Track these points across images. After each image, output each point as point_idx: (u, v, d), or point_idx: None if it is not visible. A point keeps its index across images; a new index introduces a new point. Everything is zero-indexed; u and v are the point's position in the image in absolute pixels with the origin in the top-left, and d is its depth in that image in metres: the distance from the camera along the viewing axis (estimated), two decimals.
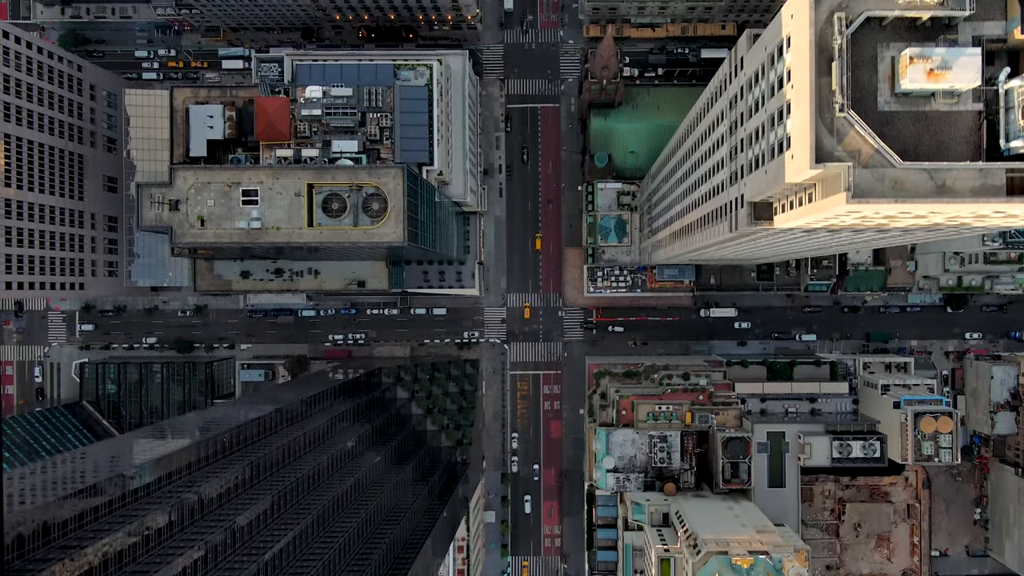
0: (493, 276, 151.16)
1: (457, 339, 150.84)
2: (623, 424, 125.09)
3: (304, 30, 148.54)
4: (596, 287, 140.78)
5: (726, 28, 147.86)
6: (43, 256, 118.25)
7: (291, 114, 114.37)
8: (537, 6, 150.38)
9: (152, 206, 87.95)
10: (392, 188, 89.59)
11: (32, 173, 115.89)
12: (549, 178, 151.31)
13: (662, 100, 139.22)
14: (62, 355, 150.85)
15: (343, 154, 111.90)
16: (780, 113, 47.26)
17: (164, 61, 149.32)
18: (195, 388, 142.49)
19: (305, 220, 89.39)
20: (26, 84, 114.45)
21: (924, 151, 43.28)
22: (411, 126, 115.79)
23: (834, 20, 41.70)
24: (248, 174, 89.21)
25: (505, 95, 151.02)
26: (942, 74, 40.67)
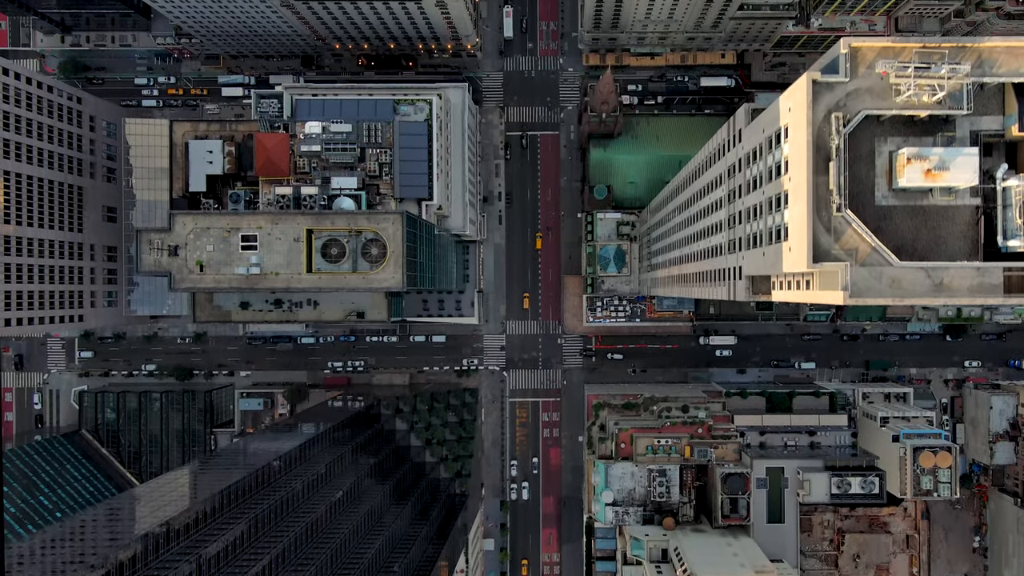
0: (492, 303, 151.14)
1: (456, 366, 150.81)
2: (622, 457, 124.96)
3: (304, 57, 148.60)
4: (595, 317, 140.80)
5: (726, 57, 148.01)
6: (42, 291, 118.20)
7: (290, 149, 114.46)
8: (537, 34, 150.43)
9: (151, 252, 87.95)
10: (391, 233, 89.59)
11: (32, 208, 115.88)
12: (548, 206, 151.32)
13: (661, 130, 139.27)
14: (61, 382, 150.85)
15: (342, 191, 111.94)
16: (778, 200, 47.33)
17: (164, 88, 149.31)
18: (194, 416, 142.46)
19: (304, 265, 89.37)
20: (25, 119, 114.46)
21: (922, 246, 43.34)
22: (410, 161, 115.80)
23: (832, 119, 41.81)
24: (247, 219, 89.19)
25: (505, 122, 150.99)
26: (940, 174, 40.70)
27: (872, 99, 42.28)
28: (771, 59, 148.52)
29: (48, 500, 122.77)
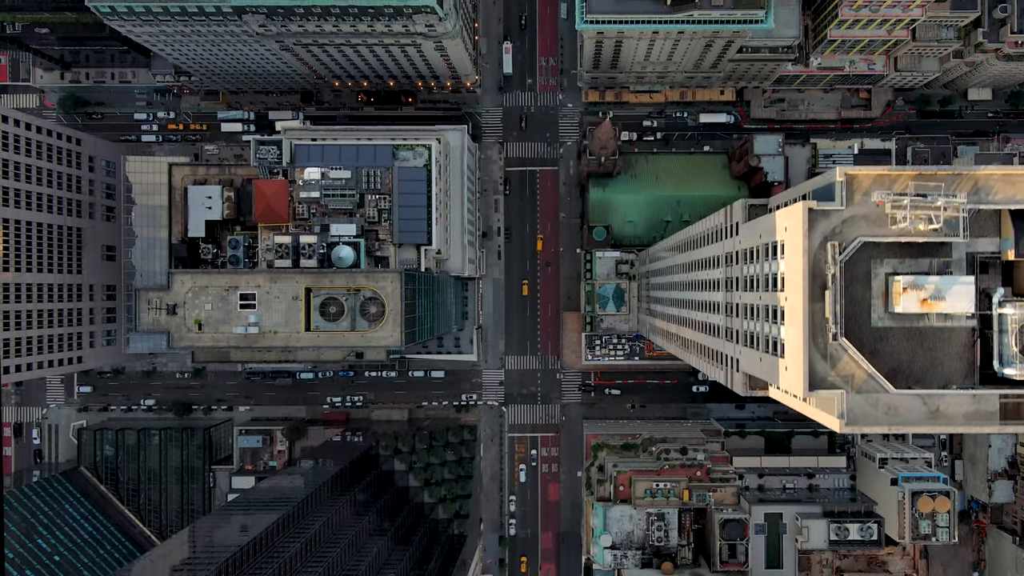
0: (491, 338, 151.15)
1: (455, 401, 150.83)
2: (621, 500, 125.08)
3: (303, 93, 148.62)
4: (594, 355, 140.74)
5: (725, 93, 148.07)
6: (41, 335, 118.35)
7: (290, 196, 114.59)
8: (536, 70, 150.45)
9: (150, 311, 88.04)
10: (390, 292, 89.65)
11: (31, 254, 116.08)
12: (548, 241, 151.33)
13: (660, 169, 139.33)
14: (60, 416, 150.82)
15: (341, 239, 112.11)
16: (774, 312, 47.39)
17: (163, 123, 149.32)
18: (193, 453, 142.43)
19: (303, 324, 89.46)
20: (24, 165, 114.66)
21: (918, 367, 43.40)
22: (409, 207, 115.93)
23: (828, 247, 41.84)
24: (246, 278, 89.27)
25: (504, 158, 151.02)
26: (936, 304, 40.77)
27: (868, 226, 42.33)
28: (770, 95, 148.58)
29: (47, 543, 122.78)
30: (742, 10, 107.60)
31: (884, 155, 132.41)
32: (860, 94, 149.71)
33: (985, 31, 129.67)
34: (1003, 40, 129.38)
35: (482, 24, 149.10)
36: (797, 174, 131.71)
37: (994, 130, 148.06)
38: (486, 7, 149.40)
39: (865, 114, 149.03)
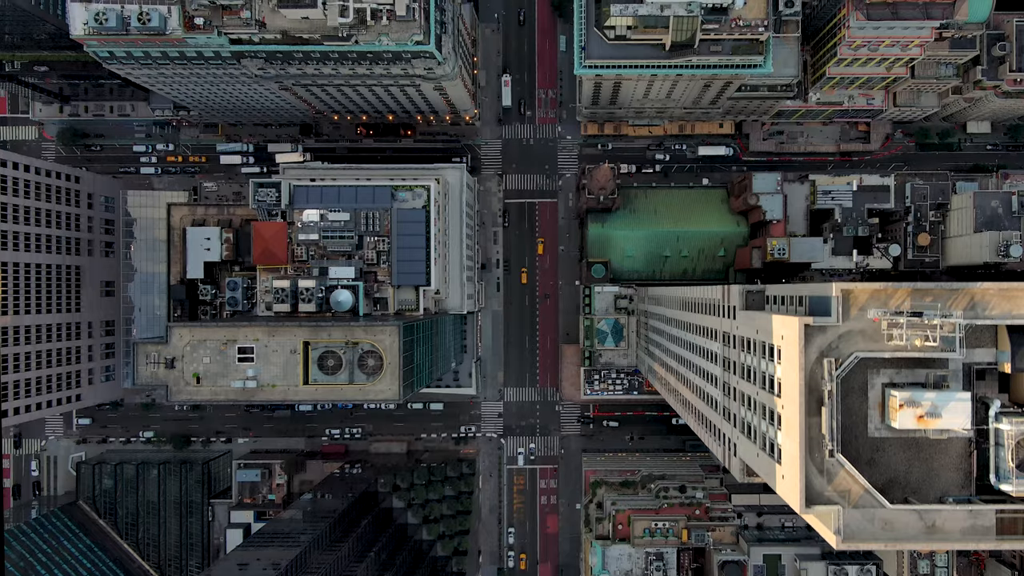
0: (490, 370, 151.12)
1: (454, 433, 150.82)
2: (619, 538, 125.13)
3: (302, 126, 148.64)
4: (593, 389, 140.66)
5: (724, 126, 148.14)
6: (40, 376, 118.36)
7: (288, 237, 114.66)
8: (535, 102, 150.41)
9: (148, 365, 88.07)
10: (388, 345, 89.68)
11: (29, 296, 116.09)
12: (547, 273, 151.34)
13: (659, 204, 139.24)
14: (59, 448, 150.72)
15: (340, 282, 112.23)
16: (771, 414, 47.40)
17: (162, 155, 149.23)
18: (191, 486, 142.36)
19: (301, 377, 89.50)
20: (23, 208, 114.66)
21: (915, 478, 43.42)
22: (408, 248, 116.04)
23: (824, 363, 41.87)
24: (244, 331, 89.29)
25: (503, 190, 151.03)
26: (932, 421, 40.79)
27: (865, 341, 42.35)
28: (769, 127, 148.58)
29: None
30: (741, 56, 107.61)
31: (883, 191, 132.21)
32: (859, 127, 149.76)
33: (984, 69, 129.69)
34: (1002, 78, 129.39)
35: (481, 57, 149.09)
36: (796, 212, 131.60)
37: (993, 165, 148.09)
38: (485, 40, 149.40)
39: (864, 147, 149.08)
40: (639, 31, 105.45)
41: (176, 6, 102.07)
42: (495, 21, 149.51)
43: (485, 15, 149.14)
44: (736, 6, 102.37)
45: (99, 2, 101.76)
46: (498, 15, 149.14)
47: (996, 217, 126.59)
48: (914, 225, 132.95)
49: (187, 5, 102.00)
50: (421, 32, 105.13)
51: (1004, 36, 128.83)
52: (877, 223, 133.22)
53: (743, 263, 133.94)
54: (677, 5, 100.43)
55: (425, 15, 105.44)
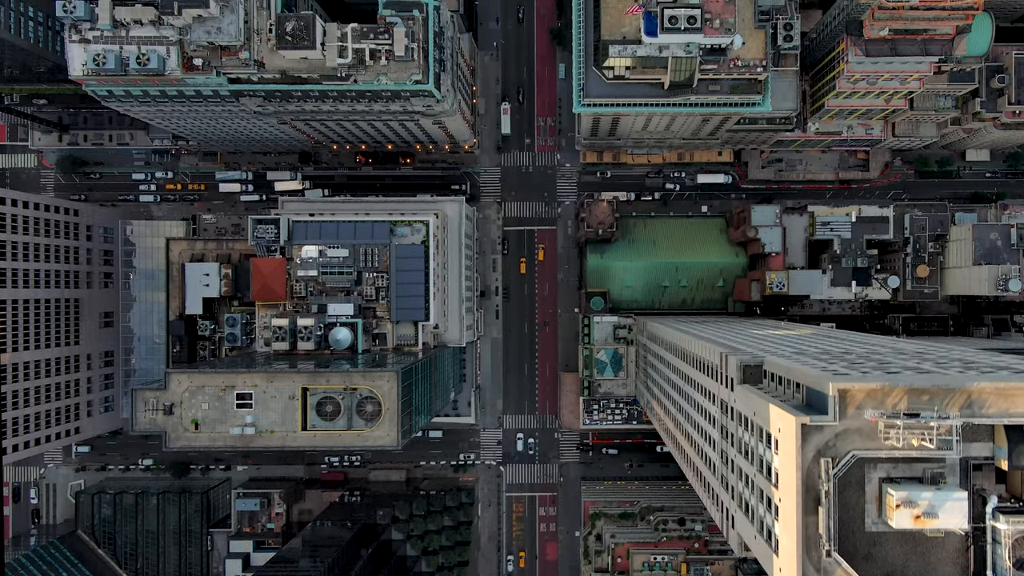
0: (489, 398, 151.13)
1: (453, 461, 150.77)
2: (618, 572, 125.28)
3: (301, 154, 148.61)
4: (592, 419, 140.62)
5: (723, 154, 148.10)
6: (39, 411, 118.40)
7: (287, 273, 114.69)
8: (535, 130, 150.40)
9: (146, 412, 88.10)
10: (386, 391, 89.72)
11: (27, 332, 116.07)
12: (546, 301, 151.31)
13: (658, 233, 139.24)
14: (58, 476, 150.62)
15: (338, 319, 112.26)
16: (768, 501, 47.40)
17: (161, 183, 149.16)
18: (191, 515, 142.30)
19: (299, 423, 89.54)
20: (22, 244, 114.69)
21: (912, 572, 43.41)
22: (407, 284, 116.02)
23: (821, 463, 41.90)
24: (243, 377, 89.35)
25: (502, 217, 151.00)
26: (929, 520, 40.82)
27: (862, 440, 42.36)
28: (768, 155, 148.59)
29: None
30: (739, 95, 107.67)
31: (882, 222, 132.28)
32: (858, 155, 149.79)
33: (983, 101, 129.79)
34: (1000, 110, 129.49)
35: (480, 85, 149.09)
36: (795, 243, 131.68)
37: (992, 192, 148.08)
38: (484, 68, 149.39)
39: (863, 175, 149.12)
40: (637, 71, 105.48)
41: (175, 47, 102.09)
42: (494, 49, 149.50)
43: (484, 43, 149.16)
44: (735, 46, 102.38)
45: (98, 42, 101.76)
46: (497, 43, 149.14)
47: (995, 249, 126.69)
48: (913, 256, 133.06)
49: (185, 46, 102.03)
50: (420, 71, 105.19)
51: (1003, 68, 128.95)
52: (876, 254, 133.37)
53: (742, 294, 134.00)
54: (675, 46, 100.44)
55: (424, 54, 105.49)
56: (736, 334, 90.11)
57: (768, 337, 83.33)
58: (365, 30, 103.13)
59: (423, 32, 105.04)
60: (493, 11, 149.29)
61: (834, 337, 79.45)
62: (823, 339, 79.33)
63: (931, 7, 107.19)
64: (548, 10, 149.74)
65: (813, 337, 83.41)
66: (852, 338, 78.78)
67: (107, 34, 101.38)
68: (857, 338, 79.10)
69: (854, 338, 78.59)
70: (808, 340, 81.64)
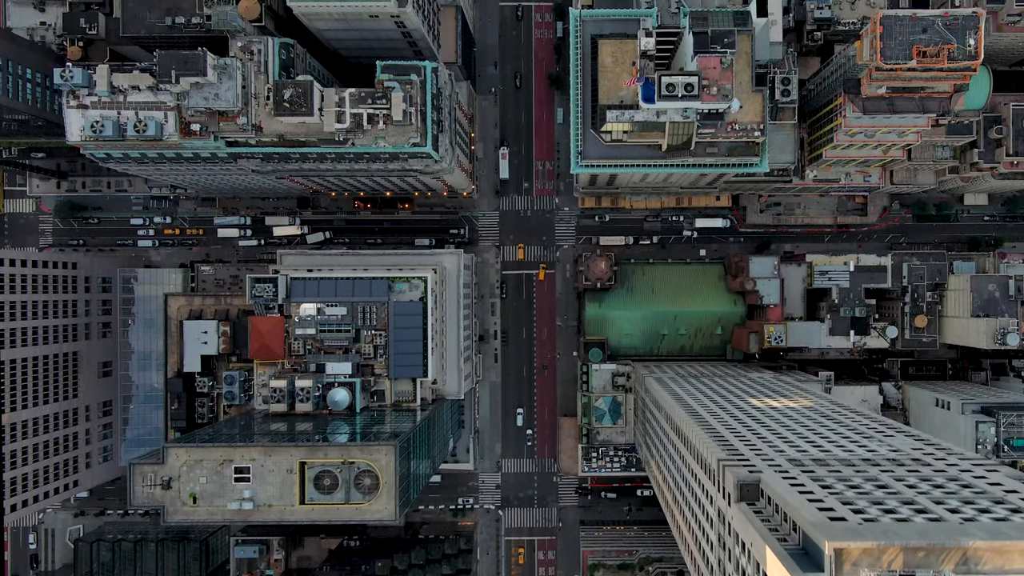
0: (488, 442, 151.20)
1: (452, 505, 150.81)
2: None
3: (300, 199, 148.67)
4: (591, 466, 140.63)
5: (721, 199, 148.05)
6: (37, 469, 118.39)
7: (285, 331, 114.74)
8: (533, 174, 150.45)
9: (144, 487, 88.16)
10: (384, 464, 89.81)
11: (26, 390, 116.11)
12: (544, 344, 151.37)
13: (656, 281, 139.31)
14: (56, 521, 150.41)
15: (337, 379, 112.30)
16: None
17: (160, 228, 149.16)
18: (188, 562, 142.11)
19: (297, 497, 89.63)
20: (19, 304, 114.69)
21: None
22: (405, 342, 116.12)
23: None
24: (240, 452, 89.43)
25: (500, 261, 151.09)
26: None
27: None
28: (766, 200, 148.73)
29: None
30: (737, 156, 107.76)
31: (880, 271, 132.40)
32: (856, 199, 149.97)
33: (981, 151, 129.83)
34: (998, 160, 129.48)
35: (478, 130, 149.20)
36: (793, 293, 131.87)
37: (990, 237, 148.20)
38: (482, 113, 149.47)
39: (861, 219, 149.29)
40: (635, 134, 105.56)
41: (172, 112, 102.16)
42: (492, 93, 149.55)
43: (482, 88, 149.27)
44: (732, 110, 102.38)
45: (95, 108, 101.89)
46: (495, 89, 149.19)
47: (993, 301, 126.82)
48: (911, 305, 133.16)
49: (183, 111, 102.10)
50: (418, 135, 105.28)
51: (1001, 119, 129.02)
52: (874, 304, 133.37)
53: (740, 343, 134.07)
54: (673, 112, 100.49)
55: (422, 117, 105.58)
56: (732, 405, 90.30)
57: (765, 415, 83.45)
58: (363, 95, 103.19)
59: (421, 95, 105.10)
60: (492, 56, 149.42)
61: (832, 420, 79.54)
62: (821, 421, 79.45)
63: (929, 68, 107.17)
64: (547, 55, 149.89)
65: (811, 415, 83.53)
66: (850, 423, 78.83)
67: (104, 99, 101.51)
68: (854, 422, 79.13)
69: (851, 423, 78.62)
70: (806, 418, 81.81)
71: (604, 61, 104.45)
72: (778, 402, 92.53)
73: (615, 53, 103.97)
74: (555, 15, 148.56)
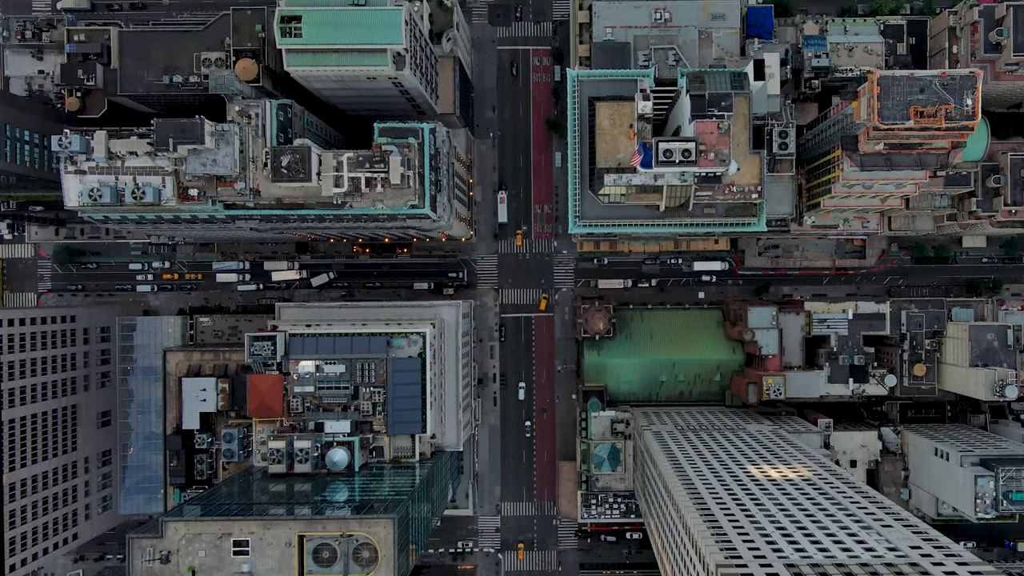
0: (487, 484, 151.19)
1: (451, 548, 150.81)
2: None
3: (298, 244, 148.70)
4: (591, 513, 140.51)
5: (719, 243, 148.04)
6: (36, 526, 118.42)
7: (284, 388, 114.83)
8: (531, 217, 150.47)
9: (143, 562, 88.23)
10: (382, 537, 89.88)
11: (25, 448, 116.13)
12: (544, 387, 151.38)
13: (655, 327, 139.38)
14: (56, 566, 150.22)
15: (335, 438, 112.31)
16: None
17: (158, 273, 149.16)
18: None
19: (296, 570, 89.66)
20: (19, 363, 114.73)
21: None
22: (403, 398, 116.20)
23: None
24: (239, 525, 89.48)
25: (499, 304, 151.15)
26: None
27: None
28: (765, 243, 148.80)
29: None
30: (735, 216, 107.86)
31: (879, 319, 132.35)
32: (855, 241, 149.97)
33: (979, 200, 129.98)
34: (996, 209, 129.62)
35: (477, 174, 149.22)
36: (791, 342, 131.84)
37: (988, 279, 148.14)
38: (481, 157, 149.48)
39: (860, 262, 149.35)
40: (633, 196, 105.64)
41: (170, 177, 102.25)
42: (490, 138, 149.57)
43: (481, 132, 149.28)
44: (730, 172, 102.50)
45: (93, 173, 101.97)
46: (493, 133, 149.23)
47: (992, 351, 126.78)
48: (910, 353, 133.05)
49: (181, 176, 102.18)
50: (416, 197, 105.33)
51: (999, 168, 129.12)
52: (873, 352, 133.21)
53: (739, 392, 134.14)
54: (670, 175, 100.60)
55: (420, 179, 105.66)
56: (730, 475, 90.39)
57: (764, 492, 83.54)
58: (361, 159, 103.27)
59: (419, 157, 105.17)
60: (490, 100, 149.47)
61: (829, 501, 79.62)
62: (819, 502, 79.52)
63: (926, 128, 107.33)
64: (544, 99, 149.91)
65: (809, 492, 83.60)
66: (847, 504, 78.88)
67: (102, 165, 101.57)
68: (851, 503, 79.17)
69: (848, 506, 78.67)
70: (805, 496, 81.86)
71: (601, 124, 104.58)
72: (777, 471, 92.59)
73: (612, 116, 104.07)
74: (553, 59, 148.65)
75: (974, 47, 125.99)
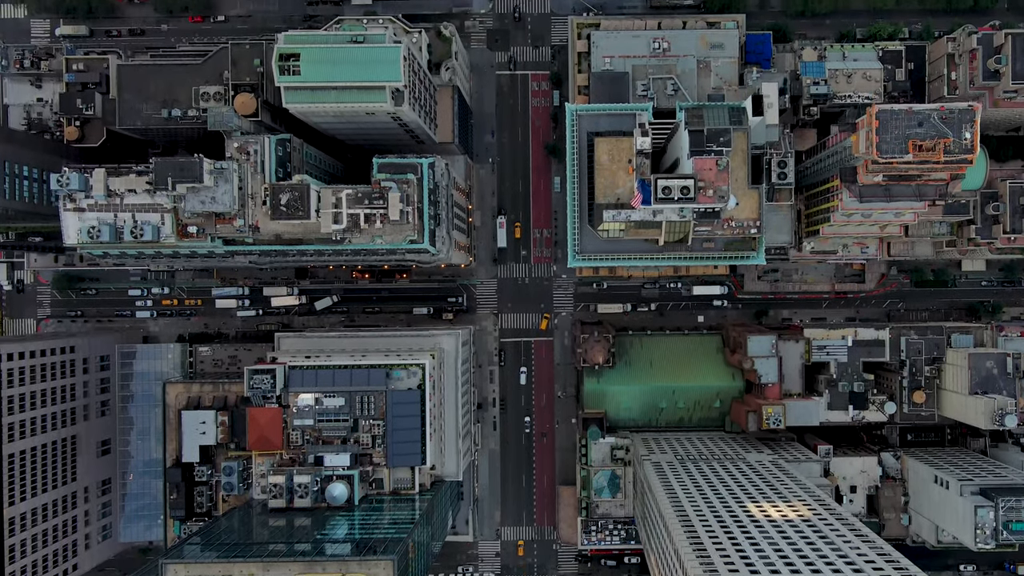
0: (487, 509, 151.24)
1: (451, 574, 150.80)
2: None
3: (298, 269, 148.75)
4: (591, 539, 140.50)
5: (718, 268, 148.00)
6: (36, 559, 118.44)
7: (283, 421, 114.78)
8: (531, 242, 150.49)
9: None
10: None
11: (25, 481, 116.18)
12: (543, 412, 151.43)
13: (655, 354, 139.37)
14: None
15: (335, 471, 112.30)
16: None
17: (158, 299, 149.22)
18: None
19: None
20: (18, 396, 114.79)
21: None
22: (403, 430, 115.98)
23: None
24: (239, 567, 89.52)
25: (499, 329, 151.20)
26: None
27: None
28: (764, 267, 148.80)
29: None
30: (734, 250, 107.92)
31: (878, 345, 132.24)
32: (854, 264, 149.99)
33: (978, 228, 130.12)
34: (995, 237, 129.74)
35: (476, 199, 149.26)
36: (791, 369, 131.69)
37: (988, 302, 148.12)
38: (480, 182, 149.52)
39: (859, 286, 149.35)
40: (632, 231, 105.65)
41: (169, 214, 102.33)
42: (490, 162, 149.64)
43: (480, 156, 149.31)
44: (728, 207, 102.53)
45: (92, 210, 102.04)
46: (492, 159, 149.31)
47: (991, 378, 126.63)
48: (909, 380, 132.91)
49: (180, 214, 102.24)
50: (415, 232, 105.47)
51: (998, 196, 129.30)
52: (872, 379, 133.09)
53: (739, 419, 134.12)
54: (669, 211, 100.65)
55: (419, 214, 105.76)
56: (730, 515, 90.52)
57: (763, 534, 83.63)
58: (360, 195, 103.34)
59: (417, 193, 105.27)
60: (489, 124, 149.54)
61: (825, 543, 79.67)
62: (817, 545, 79.58)
63: (925, 161, 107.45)
64: (543, 123, 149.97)
65: (807, 534, 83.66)
66: (843, 546, 78.93)
67: (101, 202, 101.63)
68: (846, 543, 79.20)
69: (844, 547, 78.72)
70: (802, 538, 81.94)
71: (600, 159, 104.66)
72: (776, 510, 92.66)
73: (611, 151, 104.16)
74: (552, 83, 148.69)
75: (973, 74, 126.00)
